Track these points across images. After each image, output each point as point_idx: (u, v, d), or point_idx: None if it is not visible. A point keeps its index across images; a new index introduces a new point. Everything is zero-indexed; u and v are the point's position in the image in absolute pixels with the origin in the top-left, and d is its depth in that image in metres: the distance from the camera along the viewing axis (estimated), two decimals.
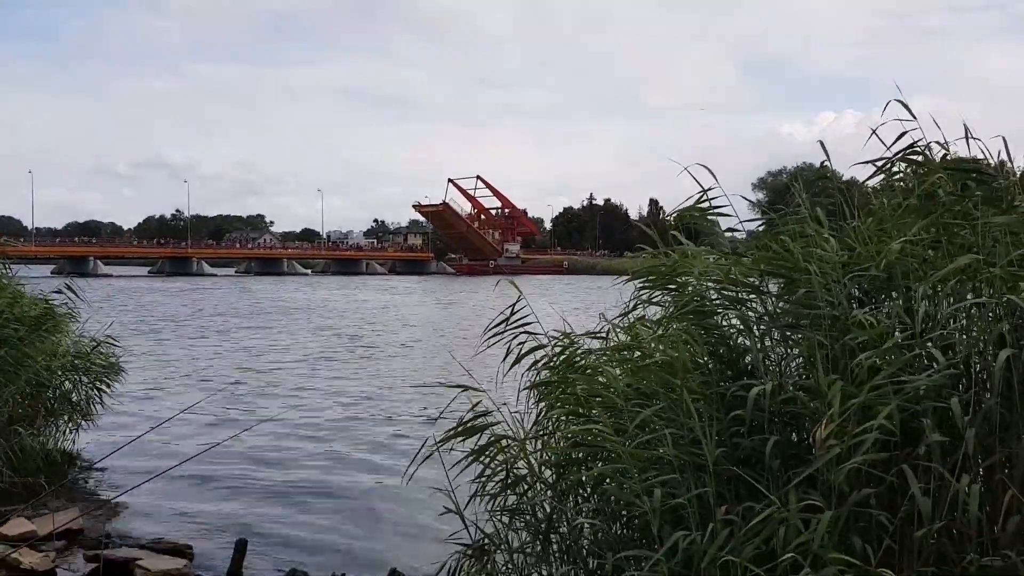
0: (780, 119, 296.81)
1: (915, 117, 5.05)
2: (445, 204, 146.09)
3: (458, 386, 5.95)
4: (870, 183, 5.60)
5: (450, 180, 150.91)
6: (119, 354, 12.26)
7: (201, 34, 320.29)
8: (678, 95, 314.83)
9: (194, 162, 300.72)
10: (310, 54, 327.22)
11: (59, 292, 11.89)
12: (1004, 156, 4.98)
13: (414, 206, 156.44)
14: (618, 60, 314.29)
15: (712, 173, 5.59)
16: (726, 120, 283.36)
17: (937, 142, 5.10)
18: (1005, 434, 4.22)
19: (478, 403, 5.86)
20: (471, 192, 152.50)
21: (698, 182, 5.58)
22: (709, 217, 5.81)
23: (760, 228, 5.81)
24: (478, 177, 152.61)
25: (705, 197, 5.63)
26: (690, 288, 5.51)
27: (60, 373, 11.32)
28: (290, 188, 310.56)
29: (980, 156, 5.01)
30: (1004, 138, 4.95)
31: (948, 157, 5.07)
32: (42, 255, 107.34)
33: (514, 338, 6.05)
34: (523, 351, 6.04)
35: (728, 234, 5.94)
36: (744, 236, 5.96)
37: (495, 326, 6.05)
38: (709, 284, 5.44)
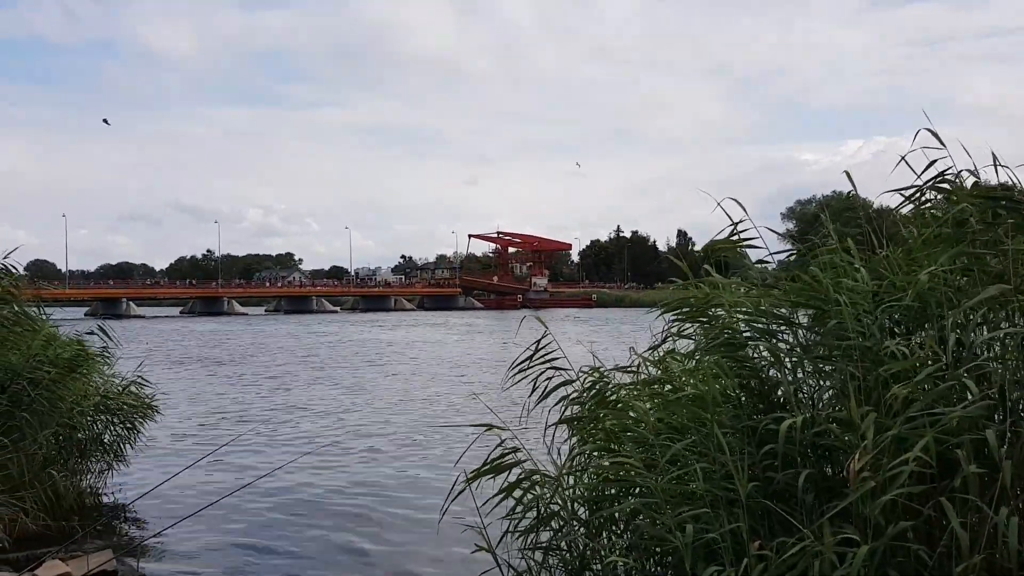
0: (798, 147, 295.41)
1: (944, 144, 5.02)
2: (462, 278, 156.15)
3: (484, 425, 5.93)
4: (901, 212, 5.55)
5: (471, 235, 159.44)
6: (152, 393, 12.34)
7: (202, 81, 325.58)
8: (691, 125, 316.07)
9: (220, 204, 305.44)
10: (313, 96, 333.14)
11: (91, 333, 12.02)
12: None
13: (436, 279, 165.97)
14: (623, 94, 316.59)
15: (742, 206, 5.57)
16: (742, 149, 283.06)
17: (968, 170, 5.06)
18: None
19: (504, 440, 5.85)
20: (494, 236, 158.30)
21: (728, 215, 5.54)
22: (739, 249, 5.78)
23: (790, 258, 5.76)
24: (499, 232, 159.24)
25: (735, 230, 5.59)
26: (721, 320, 5.47)
27: (92, 414, 11.39)
28: (312, 228, 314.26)
29: (1009, 182, 4.97)
30: None
31: (977, 184, 5.03)
32: (76, 297, 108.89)
33: (540, 375, 6.04)
34: (553, 387, 6.02)
35: (758, 265, 5.91)
36: (774, 267, 5.92)
37: (522, 362, 6.05)
38: (739, 316, 5.41)
